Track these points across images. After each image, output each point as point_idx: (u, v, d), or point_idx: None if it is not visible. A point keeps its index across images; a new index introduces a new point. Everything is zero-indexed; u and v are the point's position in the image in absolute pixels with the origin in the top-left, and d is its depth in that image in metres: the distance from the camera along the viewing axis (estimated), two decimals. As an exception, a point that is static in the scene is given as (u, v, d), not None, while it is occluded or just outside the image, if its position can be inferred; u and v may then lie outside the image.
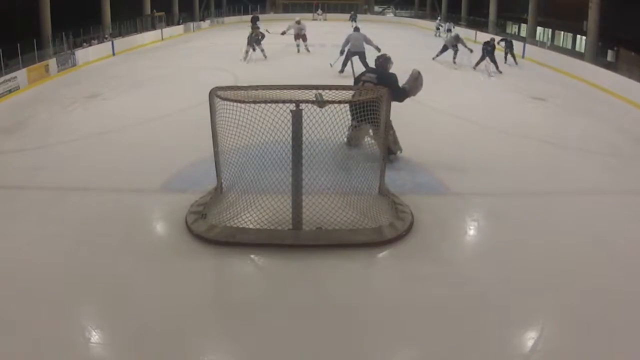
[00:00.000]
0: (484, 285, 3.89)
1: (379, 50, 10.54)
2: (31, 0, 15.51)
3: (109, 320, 3.49)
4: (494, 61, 13.27)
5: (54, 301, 3.61)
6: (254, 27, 16.10)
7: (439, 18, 26.31)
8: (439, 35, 23.76)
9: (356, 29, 12.48)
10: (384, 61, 6.50)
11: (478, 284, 3.89)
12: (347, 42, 11.69)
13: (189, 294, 3.75)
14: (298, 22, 15.88)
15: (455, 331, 3.37)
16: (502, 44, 14.89)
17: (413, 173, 5.92)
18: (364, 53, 11.44)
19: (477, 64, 13.58)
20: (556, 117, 9.08)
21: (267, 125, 4.33)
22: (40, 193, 5.48)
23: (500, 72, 13.15)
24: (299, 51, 15.83)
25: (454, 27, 22.98)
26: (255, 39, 14.47)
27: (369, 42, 11.65)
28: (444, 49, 14.74)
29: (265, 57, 14.37)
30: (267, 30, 14.66)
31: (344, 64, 11.69)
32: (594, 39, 15.58)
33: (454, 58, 14.41)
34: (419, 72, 6.14)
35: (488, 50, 13.35)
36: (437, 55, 14.86)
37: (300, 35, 15.76)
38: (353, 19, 29.50)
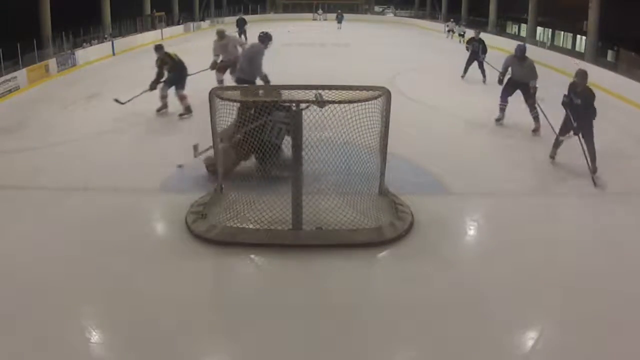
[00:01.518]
0: (484, 285, 3.89)
1: (266, 82, 7.25)
2: (31, 0, 15.50)
3: (108, 320, 3.49)
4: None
5: (54, 301, 3.61)
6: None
7: (451, 20, 24.08)
8: (452, 38, 22.13)
9: (262, 38, 7.26)
10: None
11: (478, 284, 3.89)
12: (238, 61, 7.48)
13: (189, 293, 3.75)
14: (221, 37, 9.21)
15: (455, 331, 3.37)
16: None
17: (413, 173, 5.92)
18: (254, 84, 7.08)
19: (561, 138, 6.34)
20: (556, 117, 9.06)
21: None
22: (40, 193, 5.48)
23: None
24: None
25: (465, 31, 21.30)
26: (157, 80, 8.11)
27: (256, 68, 7.18)
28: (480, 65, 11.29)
29: (183, 114, 8.04)
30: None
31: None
32: (594, 39, 15.57)
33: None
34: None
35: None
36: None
37: (224, 66, 9.03)
38: (339, 19, 27.04)
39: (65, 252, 4.26)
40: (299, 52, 16.02)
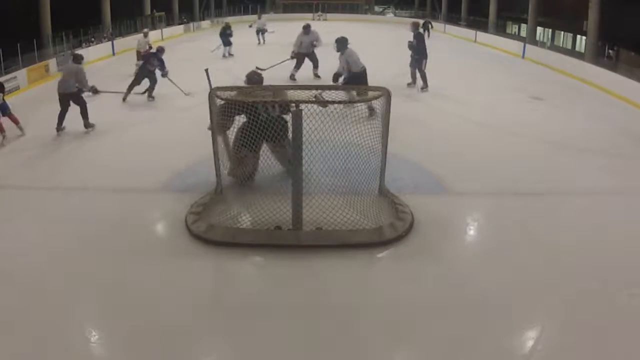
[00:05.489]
0: (484, 285, 3.89)
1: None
2: (31, 0, 15.51)
3: (108, 320, 3.49)
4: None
5: (53, 301, 3.61)
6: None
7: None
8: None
9: (75, 60, 7.85)
10: None
11: (478, 284, 3.89)
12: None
13: (189, 294, 3.75)
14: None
15: (455, 331, 3.37)
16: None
17: (413, 173, 5.91)
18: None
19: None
20: (556, 117, 9.08)
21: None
22: (40, 193, 5.48)
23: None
24: None
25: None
26: None
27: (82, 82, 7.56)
28: None
29: None
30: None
31: None
32: (594, 39, 15.58)
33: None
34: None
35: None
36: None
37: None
38: (261, 31, 18.35)
39: (65, 252, 4.26)
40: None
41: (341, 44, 8.32)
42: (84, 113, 7.73)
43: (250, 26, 19.46)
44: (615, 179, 6.02)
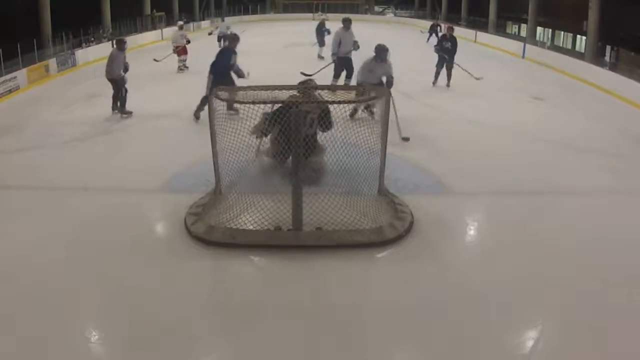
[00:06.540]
0: (484, 285, 3.89)
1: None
2: (31, 0, 15.51)
3: (108, 320, 3.49)
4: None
5: (53, 301, 3.61)
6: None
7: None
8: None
9: (116, 45, 8.50)
10: None
11: (478, 284, 3.89)
12: None
13: (189, 294, 3.75)
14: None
15: (455, 331, 3.37)
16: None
17: (413, 173, 5.91)
18: None
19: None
20: (556, 117, 9.08)
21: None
22: (40, 193, 5.48)
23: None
24: None
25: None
26: None
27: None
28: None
29: None
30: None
31: None
32: (594, 39, 15.58)
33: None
34: None
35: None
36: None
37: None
38: (223, 37, 14.26)
39: (65, 252, 4.26)
40: (298, 53, 16.05)
41: (386, 52, 7.63)
42: (116, 97, 8.27)
43: (210, 33, 16.59)
44: (615, 179, 6.03)
